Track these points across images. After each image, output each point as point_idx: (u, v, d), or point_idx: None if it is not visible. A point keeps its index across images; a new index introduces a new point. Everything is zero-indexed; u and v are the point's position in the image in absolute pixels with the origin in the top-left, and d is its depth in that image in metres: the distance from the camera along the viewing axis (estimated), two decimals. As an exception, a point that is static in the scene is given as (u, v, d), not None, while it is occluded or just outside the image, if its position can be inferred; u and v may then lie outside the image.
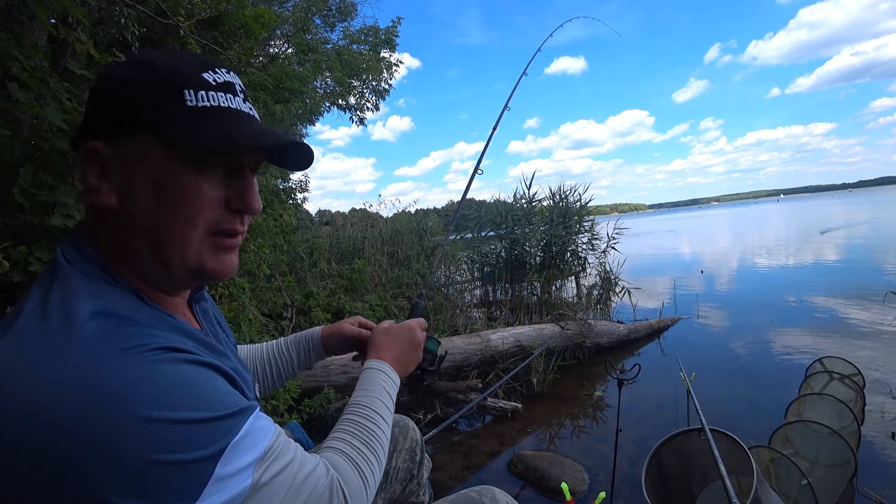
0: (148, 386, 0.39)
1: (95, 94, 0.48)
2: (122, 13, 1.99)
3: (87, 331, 0.40)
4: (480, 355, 3.05)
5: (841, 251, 8.85)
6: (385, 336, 0.84)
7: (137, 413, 0.37)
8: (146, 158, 0.46)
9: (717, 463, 1.27)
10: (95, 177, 0.47)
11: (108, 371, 0.38)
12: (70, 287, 0.43)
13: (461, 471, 2.17)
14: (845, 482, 1.68)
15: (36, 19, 1.36)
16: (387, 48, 6.68)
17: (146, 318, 0.46)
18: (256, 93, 3.58)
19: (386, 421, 0.69)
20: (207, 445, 0.40)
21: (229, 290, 2.74)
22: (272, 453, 0.46)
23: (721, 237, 16.70)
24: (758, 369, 3.23)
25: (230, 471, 0.41)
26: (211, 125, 0.47)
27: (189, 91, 0.47)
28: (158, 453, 0.37)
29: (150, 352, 0.41)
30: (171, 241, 0.48)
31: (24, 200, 1.21)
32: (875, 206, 25.04)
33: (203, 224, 0.49)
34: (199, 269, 0.51)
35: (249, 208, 0.52)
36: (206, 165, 0.48)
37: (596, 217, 5.81)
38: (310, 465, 0.51)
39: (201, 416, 0.40)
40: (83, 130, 0.49)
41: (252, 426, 0.45)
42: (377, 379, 0.74)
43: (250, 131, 0.50)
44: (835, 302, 4.85)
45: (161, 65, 0.47)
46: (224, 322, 0.72)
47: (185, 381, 0.42)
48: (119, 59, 0.52)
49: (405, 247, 5.53)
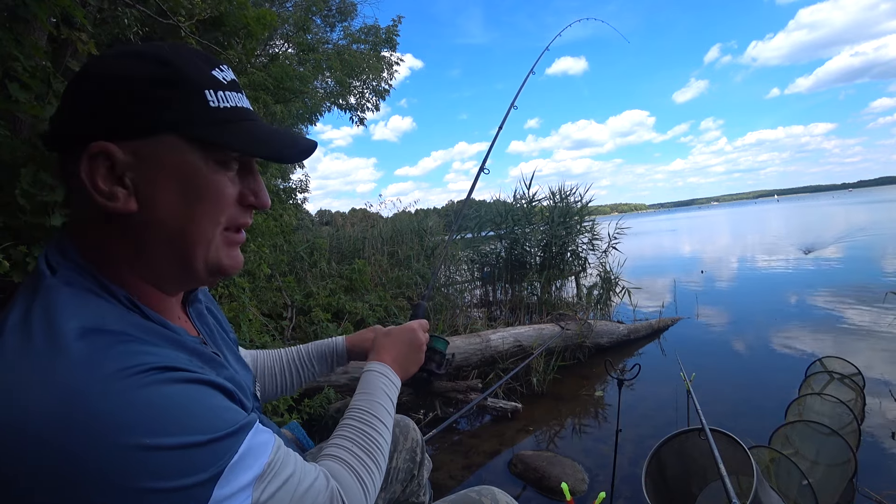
0: (141, 412, 0.37)
1: (99, 92, 0.44)
2: (123, 13, 1.99)
3: (74, 352, 0.37)
4: (480, 355, 3.05)
5: (840, 251, 8.84)
6: (386, 338, 0.84)
7: (131, 441, 0.35)
8: (173, 160, 0.45)
9: (717, 463, 1.27)
10: (104, 180, 0.44)
11: (98, 397, 0.36)
12: (53, 300, 0.41)
13: (461, 471, 2.17)
14: (845, 482, 1.68)
15: (36, 19, 1.36)
16: (387, 48, 6.68)
17: (138, 331, 0.44)
18: (257, 93, 3.58)
19: (386, 425, 0.68)
20: (205, 469, 0.39)
21: (229, 291, 2.74)
22: (272, 470, 0.45)
23: (715, 238, 16.71)
24: (758, 369, 3.24)
25: (228, 492, 0.40)
26: (234, 126, 0.48)
27: (209, 91, 0.47)
28: (154, 481, 0.36)
29: (143, 373, 0.38)
30: (198, 240, 0.48)
31: (26, 201, 1.21)
32: (875, 209, 24.73)
33: (224, 221, 0.50)
34: (217, 265, 0.51)
35: (263, 204, 0.53)
36: (226, 164, 0.49)
37: (596, 217, 5.81)
38: (310, 478, 0.50)
39: (198, 439, 0.39)
40: (75, 128, 0.44)
41: (251, 443, 0.43)
42: (378, 382, 0.74)
43: (277, 135, 0.52)
44: (835, 302, 4.84)
45: (176, 62, 0.46)
46: (224, 320, 0.71)
47: (180, 404, 0.39)
48: (119, 53, 0.46)
49: (405, 247, 5.53)
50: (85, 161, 0.43)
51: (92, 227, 0.47)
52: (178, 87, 0.45)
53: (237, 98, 0.50)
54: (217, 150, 0.48)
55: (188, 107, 0.45)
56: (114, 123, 0.44)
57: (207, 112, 0.46)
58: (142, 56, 0.45)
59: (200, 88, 0.46)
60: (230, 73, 0.51)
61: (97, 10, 1.96)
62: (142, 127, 0.44)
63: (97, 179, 0.44)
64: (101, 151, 0.43)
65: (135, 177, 0.44)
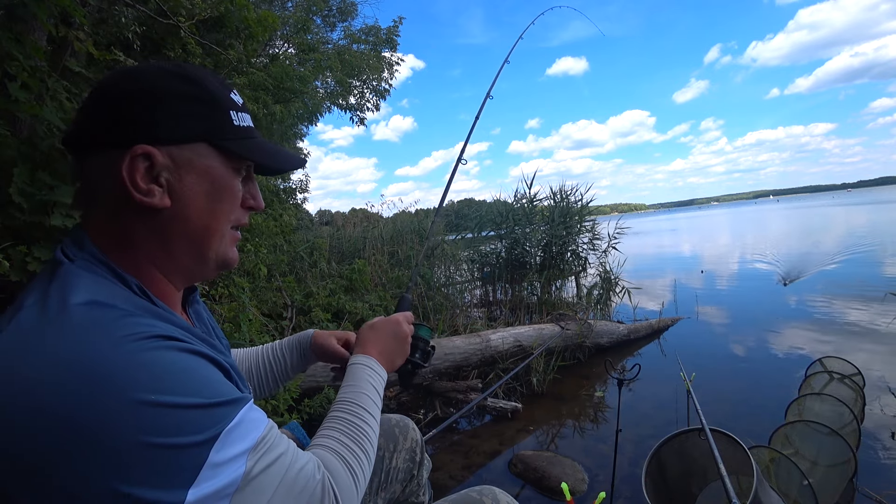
0: (142, 371, 0.40)
1: (143, 103, 0.50)
2: (122, 13, 1.99)
3: (83, 318, 0.41)
4: (480, 355, 3.05)
5: (840, 252, 8.84)
6: (370, 331, 0.84)
7: (132, 397, 0.38)
8: (203, 165, 0.53)
9: (717, 463, 1.27)
10: (143, 178, 0.49)
11: (103, 356, 0.39)
12: (70, 281, 0.45)
13: (461, 471, 2.17)
14: (845, 482, 1.68)
15: (36, 19, 1.36)
16: (388, 48, 6.68)
17: (145, 312, 0.47)
18: (257, 93, 3.57)
19: (374, 416, 0.69)
20: (201, 431, 0.41)
21: (229, 291, 2.74)
22: (265, 444, 0.47)
23: (715, 237, 16.71)
24: (758, 369, 3.24)
25: (224, 458, 0.42)
26: (250, 142, 0.58)
27: (233, 112, 0.56)
28: (154, 436, 0.38)
29: (146, 339, 0.42)
30: (215, 234, 0.56)
31: (22, 200, 1.20)
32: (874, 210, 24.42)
33: (233, 220, 0.59)
34: (224, 259, 0.59)
35: (260, 206, 0.62)
36: (238, 171, 0.58)
37: (596, 217, 5.81)
38: (302, 461, 0.51)
39: (195, 401, 0.41)
40: (115, 133, 0.50)
41: (245, 416, 0.46)
42: (363, 374, 0.74)
43: (280, 151, 0.63)
44: (835, 302, 4.85)
45: (208, 85, 0.54)
46: (217, 327, 0.73)
47: (180, 368, 0.43)
48: (159, 69, 0.54)
49: (406, 247, 5.52)
50: (127, 161, 0.49)
51: (119, 220, 0.52)
52: (210, 104, 0.54)
53: (248, 119, 0.59)
54: (236, 160, 0.57)
55: (218, 122, 0.54)
56: (156, 131, 0.50)
57: (232, 128, 0.56)
58: (178, 75, 0.53)
59: (227, 108, 0.55)
60: (240, 98, 0.60)
61: (97, 9, 1.96)
62: (181, 136, 0.52)
63: (136, 177, 0.49)
64: (143, 153, 0.49)
65: (170, 177, 0.51)
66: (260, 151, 0.59)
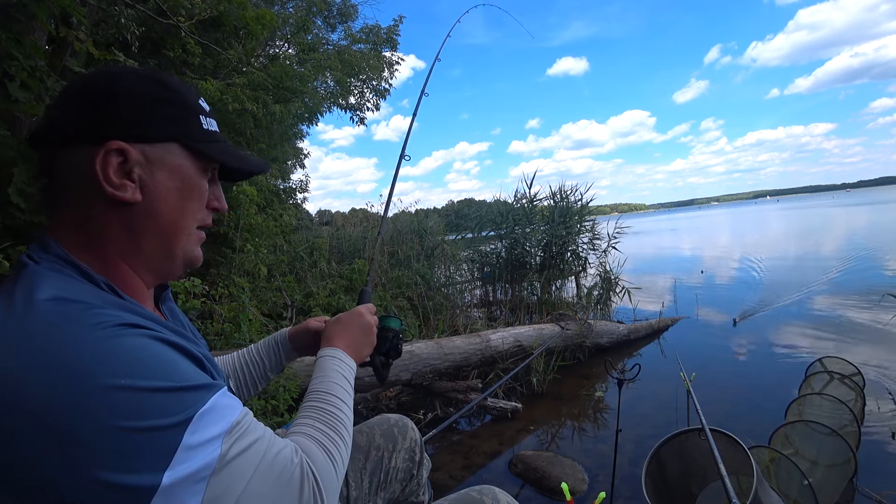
0: (111, 357, 0.41)
1: (119, 102, 0.52)
2: (122, 13, 1.99)
3: (49, 312, 0.42)
4: (480, 355, 3.05)
5: (841, 251, 8.84)
6: (335, 325, 0.84)
7: (102, 382, 0.39)
8: (174, 163, 0.55)
9: (717, 463, 1.27)
10: (115, 173, 0.51)
11: (70, 345, 0.40)
12: (35, 281, 0.45)
13: (461, 471, 2.17)
14: (845, 482, 1.68)
15: (36, 19, 1.36)
16: (388, 48, 6.67)
17: (112, 305, 0.48)
18: (257, 93, 3.57)
19: (347, 403, 0.69)
20: (174, 413, 0.41)
21: (229, 291, 2.74)
22: (240, 428, 0.47)
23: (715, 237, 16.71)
24: (758, 369, 3.24)
25: (198, 440, 0.42)
26: (217, 145, 0.60)
27: (202, 116, 0.59)
28: (126, 420, 0.39)
29: (114, 327, 0.43)
30: (183, 233, 0.58)
31: (21, 200, 1.20)
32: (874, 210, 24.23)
33: (199, 220, 0.60)
34: (190, 257, 0.60)
35: (224, 207, 0.65)
36: (205, 172, 0.60)
37: (596, 217, 5.81)
38: (279, 445, 0.51)
39: (165, 384, 0.42)
40: (90, 129, 0.51)
41: (218, 401, 0.46)
42: (332, 365, 0.75)
43: (245, 156, 0.66)
44: (835, 302, 4.85)
45: (180, 90, 0.57)
46: (194, 329, 0.73)
47: (149, 354, 0.44)
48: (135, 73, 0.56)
49: (405, 247, 5.52)
50: (101, 155, 0.50)
51: (89, 216, 0.52)
52: (183, 108, 0.57)
53: (215, 125, 0.62)
54: (205, 161, 0.59)
55: (190, 125, 0.57)
56: (130, 129, 0.52)
57: (201, 131, 0.58)
58: (155, 80, 0.56)
59: (196, 112, 0.58)
60: (207, 105, 0.63)
61: (96, 9, 1.96)
62: (155, 135, 0.54)
63: (109, 171, 0.50)
64: (117, 149, 0.50)
65: (142, 173, 0.53)
66: (227, 154, 0.61)
